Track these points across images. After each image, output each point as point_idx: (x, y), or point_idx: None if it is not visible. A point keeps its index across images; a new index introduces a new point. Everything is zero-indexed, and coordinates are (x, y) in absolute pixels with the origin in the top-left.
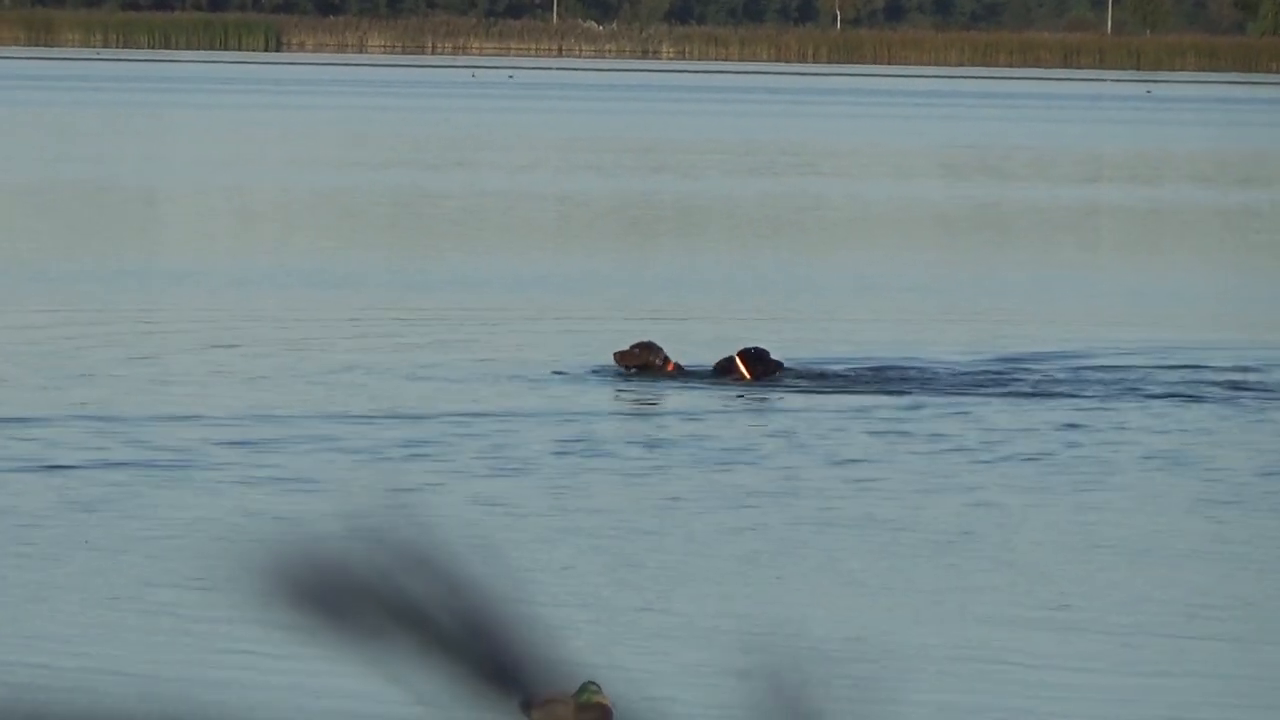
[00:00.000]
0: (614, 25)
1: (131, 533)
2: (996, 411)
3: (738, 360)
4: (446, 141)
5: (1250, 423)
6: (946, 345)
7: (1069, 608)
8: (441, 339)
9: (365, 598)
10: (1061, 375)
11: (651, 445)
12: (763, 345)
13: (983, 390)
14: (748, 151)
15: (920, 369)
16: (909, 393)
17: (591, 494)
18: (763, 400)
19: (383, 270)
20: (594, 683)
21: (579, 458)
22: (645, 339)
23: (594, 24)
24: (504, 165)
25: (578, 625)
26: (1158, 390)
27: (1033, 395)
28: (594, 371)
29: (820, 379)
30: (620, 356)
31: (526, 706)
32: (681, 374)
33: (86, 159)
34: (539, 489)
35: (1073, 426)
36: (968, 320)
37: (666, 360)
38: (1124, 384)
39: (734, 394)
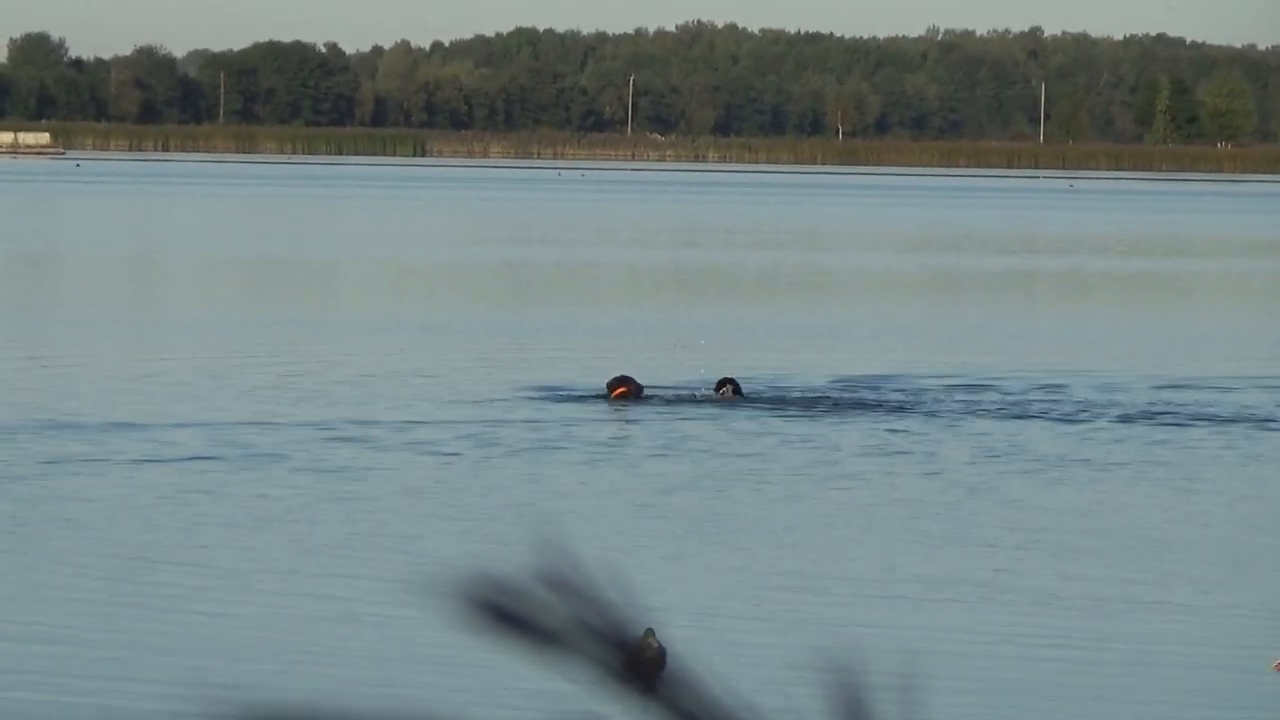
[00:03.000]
0: (673, 136)
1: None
2: (926, 426)
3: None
4: (541, 224)
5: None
6: (906, 371)
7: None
8: (534, 366)
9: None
10: (998, 396)
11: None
12: (734, 374)
13: (924, 408)
14: (770, 230)
15: (875, 393)
16: (846, 410)
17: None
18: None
19: (490, 319)
20: (651, 629)
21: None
22: (623, 374)
23: (658, 136)
24: (585, 242)
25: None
26: (1067, 407)
27: (963, 413)
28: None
29: (780, 401)
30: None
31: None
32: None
33: (279, 237)
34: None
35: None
36: (925, 354)
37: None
38: (1064, 401)
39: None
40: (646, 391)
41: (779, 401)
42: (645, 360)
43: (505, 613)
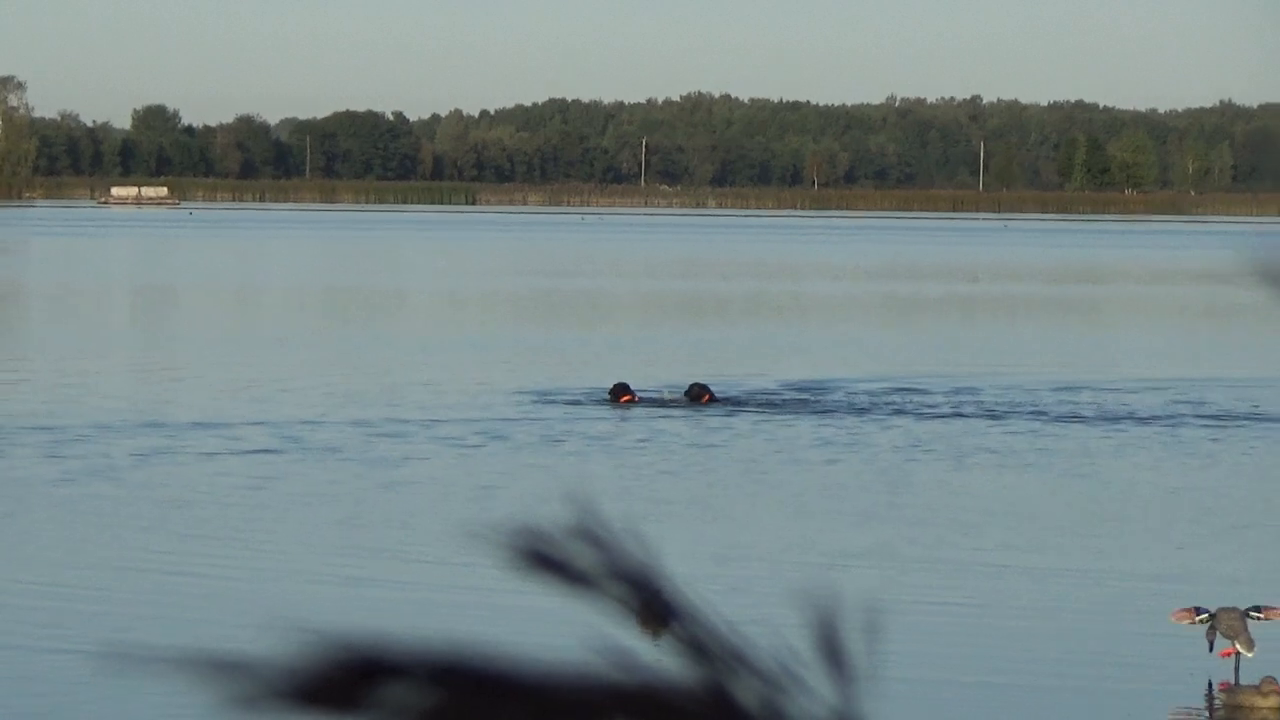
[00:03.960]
0: (678, 187)
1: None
2: (839, 423)
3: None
4: (568, 259)
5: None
6: (865, 377)
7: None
8: (554, 374)
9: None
10: (945, 398)
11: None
12: (706, 380)
13: (879, 408)
14: (757, 263)
15: (831, 396)
16: (811, 412)
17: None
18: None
19: (521, 336)
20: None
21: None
22: (620, 381)
23: (666, 187)
24: (603, 273)
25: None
26: (992, 407)
27: (906, 413)
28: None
29: (744, 403)
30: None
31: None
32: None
33: (353, 271)
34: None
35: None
36: (882, 364)
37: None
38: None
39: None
40: (640, 396)
41: (751, 403)
42: (647, 370)
43: (545, 558)
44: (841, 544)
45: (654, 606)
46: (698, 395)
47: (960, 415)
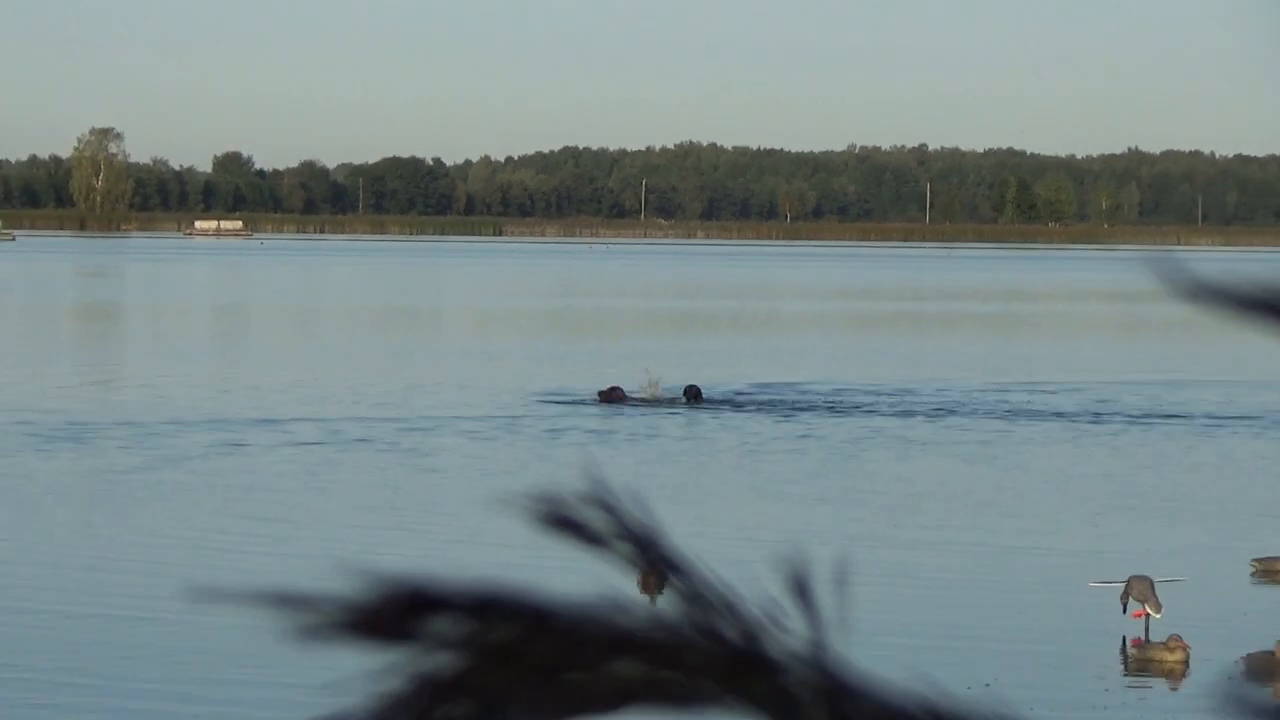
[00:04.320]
0: (673, 221)
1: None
2: (849, 424)
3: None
4: (579, 281)
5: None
6: (823, 381)
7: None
8: (558, 378)
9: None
10: (890, 402)
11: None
12: (698, 382)
13: (835, 407)
14: (738, 284)
15: (800, 396)
16: (784, 410)
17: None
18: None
19: (535, 346)
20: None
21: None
22: (614, 384)
23: (662, 220)
24: (608, 293)
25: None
26: (933, 407)
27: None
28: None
29: (734, 404)
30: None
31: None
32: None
33: (400, 293)
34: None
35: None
36: (839, 370)
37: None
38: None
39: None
40: (630, 396)
41: (732, 403)
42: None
43: (565, 519)
44: (801, 522)
45: (657, 562)
46: (694, 395)
47: (908, 413)
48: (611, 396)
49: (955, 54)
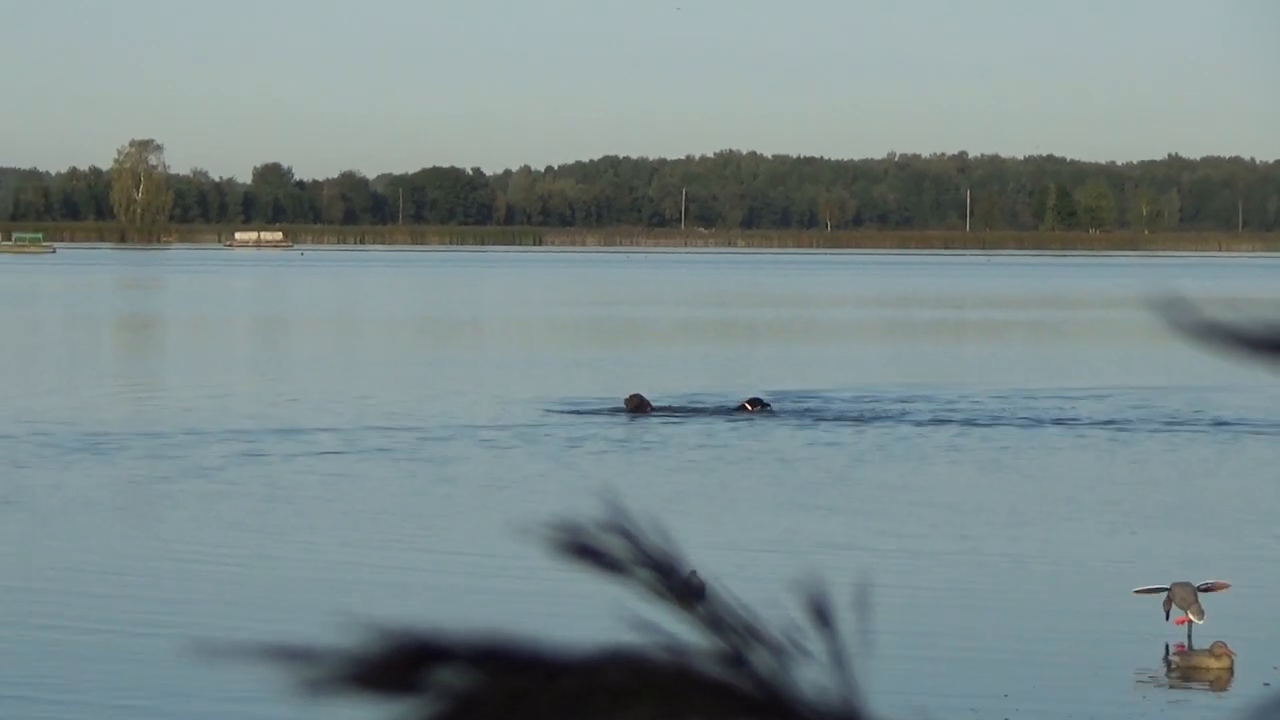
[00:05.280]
0: (713, 230)
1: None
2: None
3: (747, 404)
4: (620, 290)
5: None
6: (857, 390)
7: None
8: (588, 387)
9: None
10: (933, 407)
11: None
12: (760, 394)
13: (869, 414)
14: (778, 293)
15: (834, 405)
16: (820, 419)
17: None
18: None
19: (573, 355)
20: (694, 570)
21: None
22: (636, 392)
23: (702, 229)
24: (649, 302)
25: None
26: (977, 413)
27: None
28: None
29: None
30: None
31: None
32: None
33: (440, 302)
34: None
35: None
36: (879, 377)
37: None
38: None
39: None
40: (656, 405)
41: (773, 412)
42: (673, 383)
43: (584, 547)
44: (833, 531)
45: (677, 589)
46: (638, 405)
47: (946, 421)
48: (636, 405)
49: (995, 61)
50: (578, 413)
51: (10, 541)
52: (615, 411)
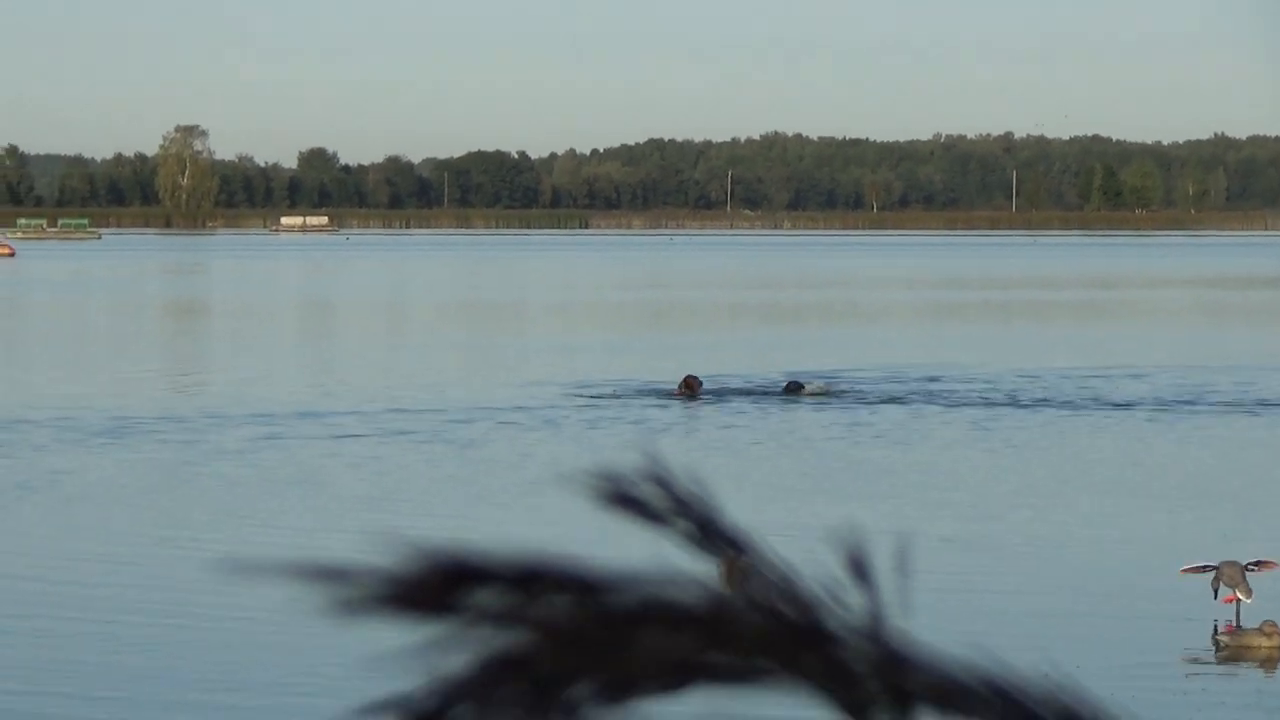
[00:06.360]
0: (759, 212)
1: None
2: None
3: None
4: (667, 273)
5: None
6: (903, 371)
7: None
8: (636, 369)
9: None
10: (968, 387)
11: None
12: (799, 375)
13: (912, 396)
14: (825, 275)
15: (880, 386)
16: (874, 401)
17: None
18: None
19: (616, 338)
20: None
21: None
22: (691, 374)
23: (748, 211)
24: (696, 286)
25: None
26: (1038, 394)
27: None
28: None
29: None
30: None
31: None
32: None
33: (484, 286)
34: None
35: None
36: (925, 357)
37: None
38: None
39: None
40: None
41: (825, 395)
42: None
43: (626, 497)
44: (874, 508)
45: (716, 539)
46: (796, 389)
47: (994, 402)
48: (689, 388)
49: (1040, 42)
50: (634, 394)
51: (61, 526)
52: (668, 395)
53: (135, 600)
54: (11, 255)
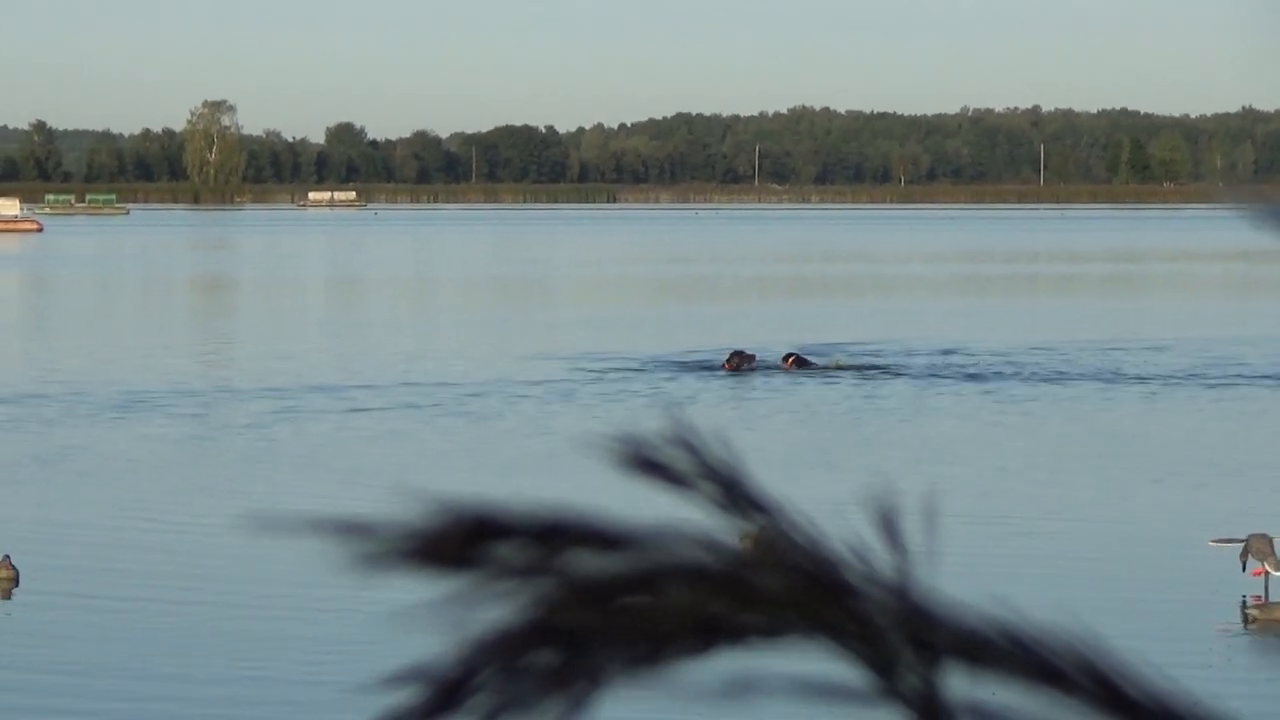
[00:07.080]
0: (786, 186)
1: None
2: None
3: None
4: (694, 248)
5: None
6: (928, 345)
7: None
8: (669, 343)
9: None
10: (989, 363)
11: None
12: (800, 348)
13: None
14: (853, 249)
15: (905, 360)
16: (895, 374)
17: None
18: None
19: (643, 313)
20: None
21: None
22: (738, 348)
23: (776, 186)
24: (723, 259)
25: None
26: (1054, 366)
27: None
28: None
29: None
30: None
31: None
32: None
33: (512, 260)
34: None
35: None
36: (950, 331)
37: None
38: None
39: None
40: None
41: (843, 368)
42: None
43: (649, 460)
44: (903, 479)
45: (742, 502)
46: (740, 362)
47: (1024, 376)
48: (741, 360)
49: (1068, 14)
50: (682, 366)
51: (96, 499)
52: (714, 368)
53: (166, 567)
54: (39, 231)
